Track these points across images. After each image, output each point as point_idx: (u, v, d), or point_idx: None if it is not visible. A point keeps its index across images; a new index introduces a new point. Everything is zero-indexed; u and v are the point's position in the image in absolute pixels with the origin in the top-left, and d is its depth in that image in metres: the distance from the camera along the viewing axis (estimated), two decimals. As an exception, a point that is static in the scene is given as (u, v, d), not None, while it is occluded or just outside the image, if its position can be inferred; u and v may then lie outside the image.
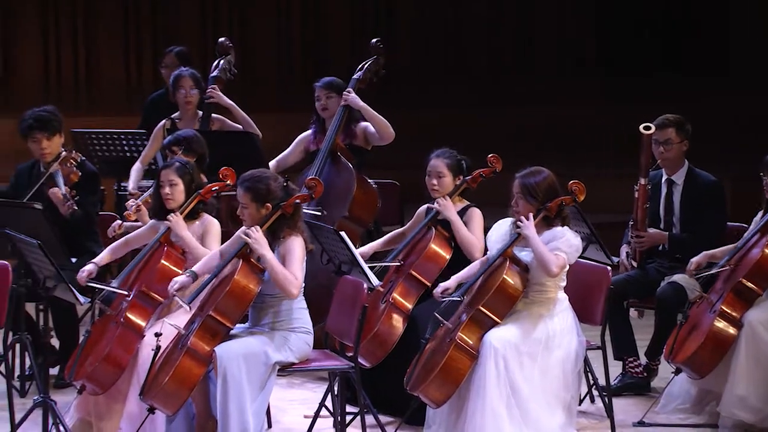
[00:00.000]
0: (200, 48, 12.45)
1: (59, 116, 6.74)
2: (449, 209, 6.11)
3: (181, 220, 5.78)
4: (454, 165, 6.16)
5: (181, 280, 5.52)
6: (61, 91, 12.60)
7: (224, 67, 7.58)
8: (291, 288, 5.34)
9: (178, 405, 5.31)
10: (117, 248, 6.02)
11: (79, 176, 6.64)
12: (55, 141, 6.71)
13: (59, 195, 6.54)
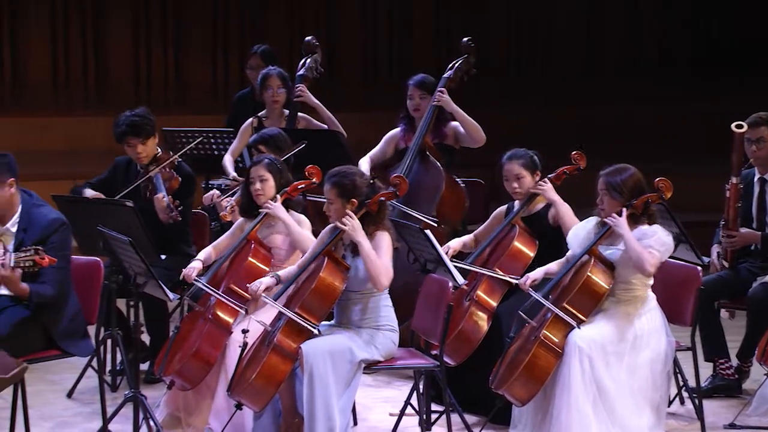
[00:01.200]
0: (287, 47, 12.54)
1: (152, 118, 6.80)
2: (551, 191, 6.06)
3: (280, 205, 5.83)
4: (529, 163, 6.12)
5: (265, 281, 5.57)
6: (151, 91, 12.78)
7: (310, 66, 7.61)
8: (382, 278, 5.34)
9: (265, 401, 5.35)
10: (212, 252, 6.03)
11: (179, 182, 6.71)
12: (150, 144, 6.78)
13: (163, 203, 6.60)
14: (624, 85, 13.26)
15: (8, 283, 5.33)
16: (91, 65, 12.79)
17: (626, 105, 12.47)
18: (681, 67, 13.92)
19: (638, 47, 14.03)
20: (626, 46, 14.00)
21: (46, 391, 6.55)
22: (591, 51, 13.91)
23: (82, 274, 5.70)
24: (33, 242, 5.40)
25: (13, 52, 12.57)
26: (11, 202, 5.54)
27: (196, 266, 5.88)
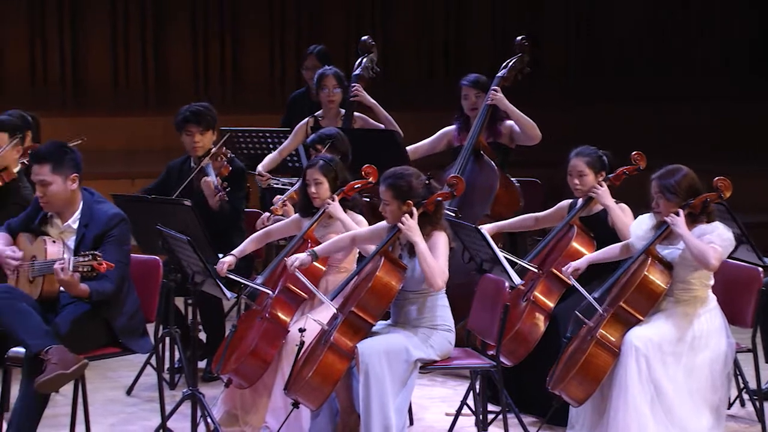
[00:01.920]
0: (343, 47, 12.56)
1: (214, 113, 6.89)
2: (606, 196, 6.02)
3: (338, 203, 5.85)
4: (595, 162, 6.07)
5: (301, 257, 5.57)
6: (209, 90, 12.87)
7: (367, 66, 7.62)
8: (437, 278, 5.34)
9: (322, 400, 5.36)
10: (258, 239, 6.10)
11: (230, 171, 6.78)
12: (208, 136, 6.86)
13: (211, 185, 6.66)
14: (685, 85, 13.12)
15: (68, 286, 5.38)
16: (151, 65, 12.91)
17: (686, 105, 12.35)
18: (739, 67, 13.75)
19: (699, 48, 13.87)
20: (690, 47, 13.84)
21: (105, 388, 6.62)
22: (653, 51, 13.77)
23: (142, 273, 5.74)
24: (94, 237, 5.45)
25: (74, 52, 12.72)
26: (73, 198, 5.59)
27: (228, 260, 5.89)
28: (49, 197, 5.54)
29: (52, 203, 5.57)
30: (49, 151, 5.57)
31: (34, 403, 5.32)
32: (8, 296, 5.39)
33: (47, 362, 5.23)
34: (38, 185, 5.55)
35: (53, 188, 5.52)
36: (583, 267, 5.65)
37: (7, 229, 5.70)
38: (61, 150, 5.59)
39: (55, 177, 5.51)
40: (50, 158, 5.51)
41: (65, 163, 5.54)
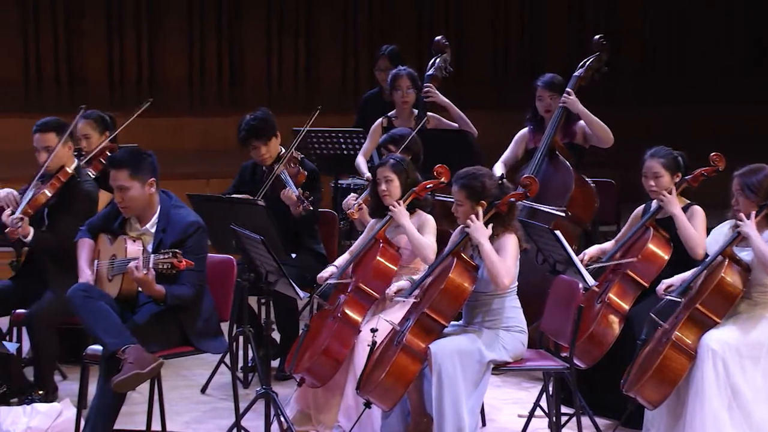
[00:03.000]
0: (416, 47, 12.56)
1: (271, 119, 6.85)
2: (673, 203, 5.95)
3: (403, 209, 5.85)
4: (671, 163, 6.00)
5: (400, 285, 5.60)
6: (282, 90, 12.95)
7: (440, 66, 7.60)
8: (503, 278, 5.31)
9: (395, 401, 5.36)
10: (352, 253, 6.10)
11: (305, 176, 6.80)
12: (272, 144, 6.87)
13: (293, 197, 6.69)
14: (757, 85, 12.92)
15: (143, 284, 5.43)
16: (225, 65, 13.03)
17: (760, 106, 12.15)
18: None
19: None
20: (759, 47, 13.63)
21: (180, 387, 6.68)
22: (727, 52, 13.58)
23: (216, 272, 5.78)
24: (171, 244, 5.48)
25: (150, 52, 12.88)
26: (151, 202, 5.63)
27: (331, 271, 5.94)
28: (128, 202, 5.59)
29: (131, 208, 5.62)
30: (126, 157, 5.61)
31: (111, 401, 5.38)
32: (86, 295, 5.46)
33: (124, 361, 5.28)
34: (116, 190, 5.59)
35: (131, 193, 5.57)
36: (677, 284, 5.58)
37: (89, 229, 5.78)
38: (139, 155, 5.63)
39: (133, 182, 5.56)
40: (128, 164, 5.56)
41: (143, 168, 5.58)
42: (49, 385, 6.21)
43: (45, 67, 12.61)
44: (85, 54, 12.69)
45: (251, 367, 6.68)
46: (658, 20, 13.67)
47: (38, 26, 12.58)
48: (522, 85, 7.63)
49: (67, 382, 6.58)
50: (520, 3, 13.57)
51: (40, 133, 6.28)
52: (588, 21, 13.38)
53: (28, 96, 12.52)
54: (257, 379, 6.49)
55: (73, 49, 12.66)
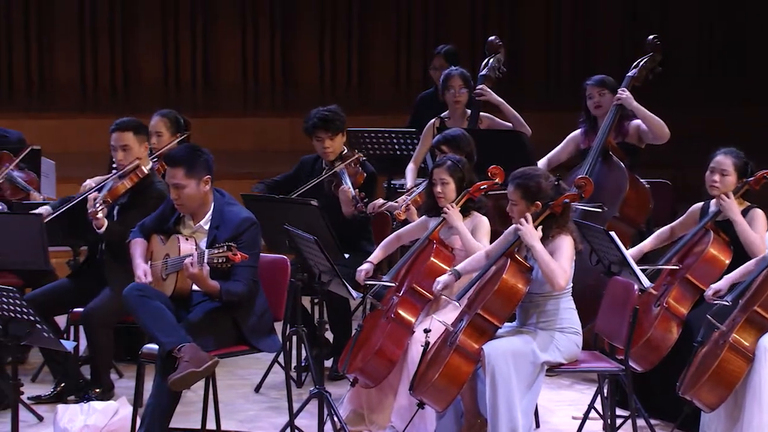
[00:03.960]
0: (470, 47, 12.52)
1: (342, 116, 6.91)
2: (732, 208, 5.87)
3: (457, 211, 5.83)
4: (740, 165, 5.93)
5: (444, 279, 5.56)
6: (336, 91, 12.96)
7: (493, 66, 7.57)
8: (559, 279, 5.26)
9: (448, 402, 5.34)
10: (389, 244, 6.12)
11: (364, 177, 6.81)
12: (338, 140, 6.89)
13: (349, 195, 6.70)
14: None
15: (197, 280, 5.46)
16: (278, 66, 13.07)
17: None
18: None
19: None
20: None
21: (235, 386, 6.70)
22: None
23: (269, 272, 5.79)
24: (225, 240, 5.51)
25: (205, 54, 12.96)
26: (205, 200, 5.66)
27: (366, 268, 5.94)
28: (183, 200, 5.63)
29: (187, 205, 5.65)
30: (182, 155, 5.65)
31: (167, 400, 5.41)
32: (142, 294, 5.50)
33: (179, 360, 5.31)
34: (172, 188, 5.63)
35: (187, 191, 5.60)
36: (725, 288, 5.51)
37: (141, 230, 5.82)
38: (194, 153, 5.66)
39: (189, 180, 5.59)
40: (184, 162, 5.59)
41: (198, 165, 5.61)
42: (105, 383, 6.27)
43: (101, 69, 12.72)
44: (140, 56, 12.78)
45: (304, 366, 6.69)
46: (712, 19, 13.50)
47: (95, 30, 12.69)
48: (575, 86, 7.57)
49: (124, 381, 6.63)
50: (574, 2, 13.47)
51: (117, 132, 6.33)
52: (640, 19, 13.24)
53: (85, 98, 12.64)
54: (310, 379, 6.49)
55: (128, 52, 12.76)
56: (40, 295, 6.27)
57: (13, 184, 6.84)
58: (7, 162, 6.83)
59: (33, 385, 6.49)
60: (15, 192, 6.83)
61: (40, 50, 12.52)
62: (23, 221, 5.94)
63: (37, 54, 12.52)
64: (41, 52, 12.53)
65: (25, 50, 12.51)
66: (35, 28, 12.54)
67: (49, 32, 12.56)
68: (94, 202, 6.14)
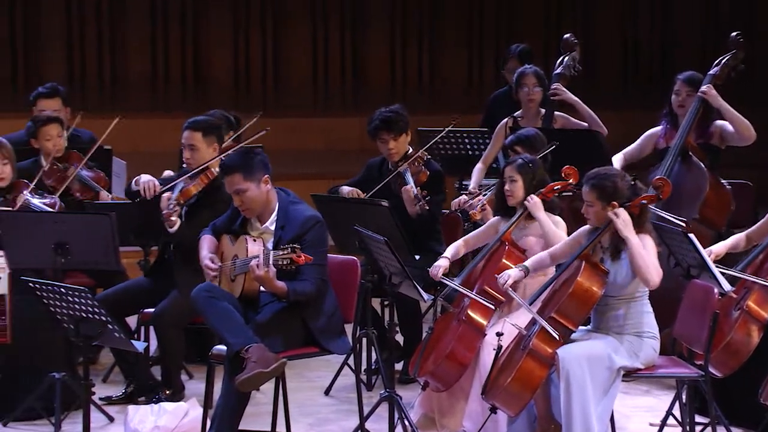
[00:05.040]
0: (543, 45, 12.45)
1: (405, 116, 6.90)
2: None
3: (539, 201, 5.81)
4: None
5: (513, 273, 5.52)
6: (407, 90, 12.97)
7: (568, 64, 7.52)
8: (653, 275, 5.20)
9: (521, 406, 5.31)
10: (459, 247, 6.09)
11: (427, 176, 6.81)
12: (402, 141, 6.90)
13: (411, 194, 6.72)
14: None
15: (264, 282, 5.49)
16: (349, 66, 13.11)
17: None
18: None
19: None
20: None
21: (304, 388, 6.73)
22: None
23: (339, 273, 5.81)
24: (290, 239, 5.54)
25: (275, 53, 13.04)
26: (269, 200, 5.68)
27: (442, 264, 5.89)
28: (247, 204, 5.66)
29: (252, 209, 5.69)
30: (236, 161, 5.67)
31: (236, 401, 5.45)
32: (210, 295, 5.54)
33: (247, 360, 5.35)
34: (234, 195, 5.66)
35: (249, 194, 5.63)
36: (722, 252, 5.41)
37: (212, 230, 5.88)
38: (248, 155, 5.69)
39: (248, 184, 5.62)
40: (239, 167, 5.62)
41: (255, 167, 5.63)
42: (176, 384, 6.33)
43: (171, 67, 12.86)
44: (210, 54, 12.90)
45: (375, 369, 6.70)
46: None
47: (167, 27, 12.84)
48: (652, 84, 7.50)
49: (194, 382, 6.70)
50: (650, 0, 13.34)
51: (187, 130, 6.40)
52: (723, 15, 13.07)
53: (155, 97, 12.79)
54: (381, 382, 6.50)
55: (199, 49, 12.89)
56: (111, 295, 6.35)
57: (83, 184, 6.94)
58: (77, 162, 6.93)
59: (104, 386, 6.58)
60: (85, 192, 6.93)
61: (111, 49, 12.70)
62: (94, 221, 6.03)
63: (109, 53, 12.70)
64: (113, 51, 12.71)
65: (97, 49, 12.69)
66: (107, 27, 12.72)
67: (120, 31, 12.73)
68: (168, 203, 6.21)
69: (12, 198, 6.37)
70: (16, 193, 6.39)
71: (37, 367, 6.02)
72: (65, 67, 12.56)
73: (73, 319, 5.25)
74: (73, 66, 12.63)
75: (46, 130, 6.92)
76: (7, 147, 6.40)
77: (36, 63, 12.54)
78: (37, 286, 5.30)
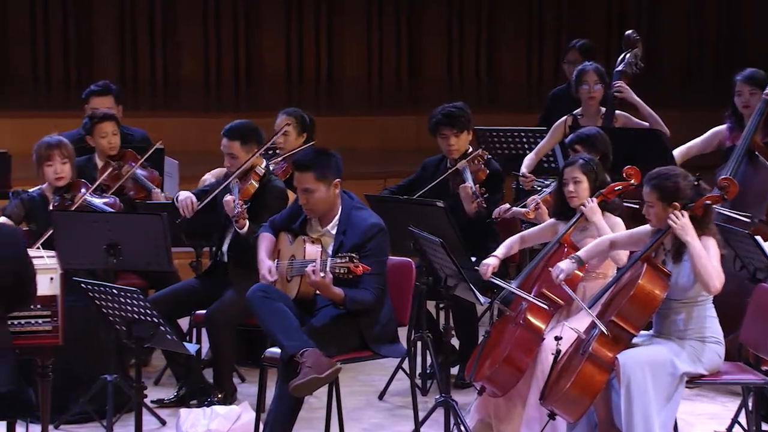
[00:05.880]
0: (604, 42, 12.36)
1: (468, 113, 6.89)
2: None
3: (596, 205, 5.77)
4: None
5: (565, 266, 5.48)
6: (464, 88, 12.94)
7: (630, 61, 7.46)
8: (714, 280, 5.16)
9: (580, 412, 5.27)
10: (512, 245, 6.06)
11: (486, 174, 6.79)
12: (463, 138, 6.88)
13: (469, 191, 6.71)
14: None
15: (320, 287, 5.50)
16: (404, 62, 13.10)
17: None
18: None
19: None
20: None
21: (358, 392, 6.73)
22: None
23: (394, 275, 5.80)
24: (351, 246, 5.54)
25: (329, 52, 13.07)
26: (334, 203, 5.69)
27: (491, 263, 5.84)
28: (312, 204, 5.67)
29: (315, 210, 5.70)
30: (312, 159, 5.68)
31: (289, 406, 5.47)
32: (265, 295, 5.57)
33: (302, 365, 5.36)
34: (301, 193, 5.66)
35: (317, 195, 5.64)
36: None
37: (270, 226, 5.89)
38: (324, 156, 5.69)
39: (319, 184, 5.62)
40: (314, 166, 5.62)
41: (328, 169, 5.64)
42: (228, 387, 6.36)
43: (224, 67, 12.94)
44: (263, 53, 12.96)
45: (430, 373, 6.69)
46: None
47: (219, 26, 12.92)
48: (717, 82, 7.41)
49: (246, 385, 6.73)
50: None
51: (225, 139, 6.45)
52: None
53: (207, 96, 12.88)
54: (436, 387, 6.49)
55: (251, 48, 12.96)
56: (163, 296, 6.40)
57: (137, 183, 6.99)
58: (132, 160, 6.98)
59: (155, 388, 6.63)
60: (138, 191, 6.99)
61: (164, 47, 12.80)
62: (146, 222, 6.08)
63: (161, 51, 12.80)
64: (165, 49, 12.81)
65: (149, 49, 12.80)
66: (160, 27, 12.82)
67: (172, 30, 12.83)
68: (234, 205, 6.22)
69: (71, 197, 6.44)
70: (75, 192, 6.45)
71: (88, 369, 6.08)
72: (117, 66, 12.68)
73: (125, 321, 5.30)
74: (125, 65, 12.75)
75: (101, 127, 6.99)
76: (67, 146, 6.45)
77: (88, 63, 12.67)
78: (89, 286, 5.35)
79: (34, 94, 12.39)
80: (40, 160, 6.41)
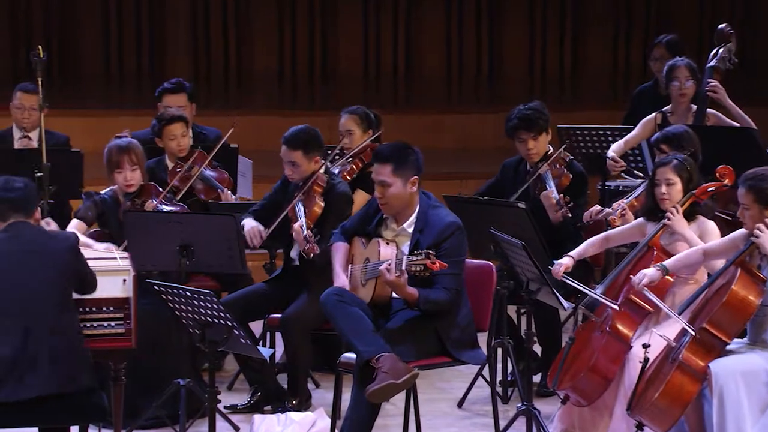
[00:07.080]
0: (696, 36, 12.21)
1: (546, 114, 6.80)
2: None
3: (681, 217, 5.69)
4: None
5: (649, 273, 5.42)
6: (546, 86, 12.87)
7: (723, 57, 7.37)
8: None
9: (670, 424, 5.22)
10: (597, 243, 5.99)
11: (570, 179, 6.72)
12: (542, 140, 6.80)
13: (552, 200, 6.64)
14: None
15: (394, 287, 5.51)
16: (485, 58, 13.06)
17: None
18: None
19: None
20: None
21: (436, 400, 6.73)
22: None
23: (474, 279, 5.80)
24: (428, 245, 5.55)
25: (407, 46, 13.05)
26: (411, 201, 5.71)
27: (564, 262, 5.78)
28: (388, 199, 5.69)
29: (391, 205, 5.71)
30: (392, 152, 5.71)
31: (366, 412, 5.48)
32: (340, 299, 5.59)
33: (378, 370, 5.37)
34: (377, 185, 5.71)
35: (392, 190, 5.66)
36: None
37: (342, 232, 5.91)
38: (405, 151, 5.72)
39: (395, 179, 5.66)
40: (392, 159, 5.66)
41: (407, 164, 5.66)
42: (302, 393, 6.39)
43: (299, 62, 13.00)
44: (340, 48, 13.00)
45: (511, 381, 6.66)
46: None
47: (295, 21, 12.98)
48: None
49: (321, 391, 6.75)
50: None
51: (285, 148, 6.46)
52: None
53: (282, 94, 12.95)
54: (517, 395, 6.46)
55: (327, 44, 13.01)
56: (236, 299, 6.44)
57: (207, 184, 7.04)
58: (200, 161, 7.03)
59: (228, 393, 6.68)
60: (209, 192, 7.03)
61: (237, 44, 12.90)
62: (218, 222, 6.12)
63: (235, 48, 12.90)
64: (239, 47, 12.91)
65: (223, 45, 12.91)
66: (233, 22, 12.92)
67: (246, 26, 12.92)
68: (304, 236, 6.18)
69: (141, 202, 6.49)
70: (146, 198, 6.50)
71: (161, 373, 6.13)
72: (191, 63, 12.80)
73: (198, 324, 5.34)
74: (199, 62, 12.86)
75: (170, 129, 7.04)
76: (137, 151, 6.46)
77: (161, 59, 12.81)
78: (162, 289, 5.40)
79: (107, 92, 12.55)
80: (111, 166, 6.47)
